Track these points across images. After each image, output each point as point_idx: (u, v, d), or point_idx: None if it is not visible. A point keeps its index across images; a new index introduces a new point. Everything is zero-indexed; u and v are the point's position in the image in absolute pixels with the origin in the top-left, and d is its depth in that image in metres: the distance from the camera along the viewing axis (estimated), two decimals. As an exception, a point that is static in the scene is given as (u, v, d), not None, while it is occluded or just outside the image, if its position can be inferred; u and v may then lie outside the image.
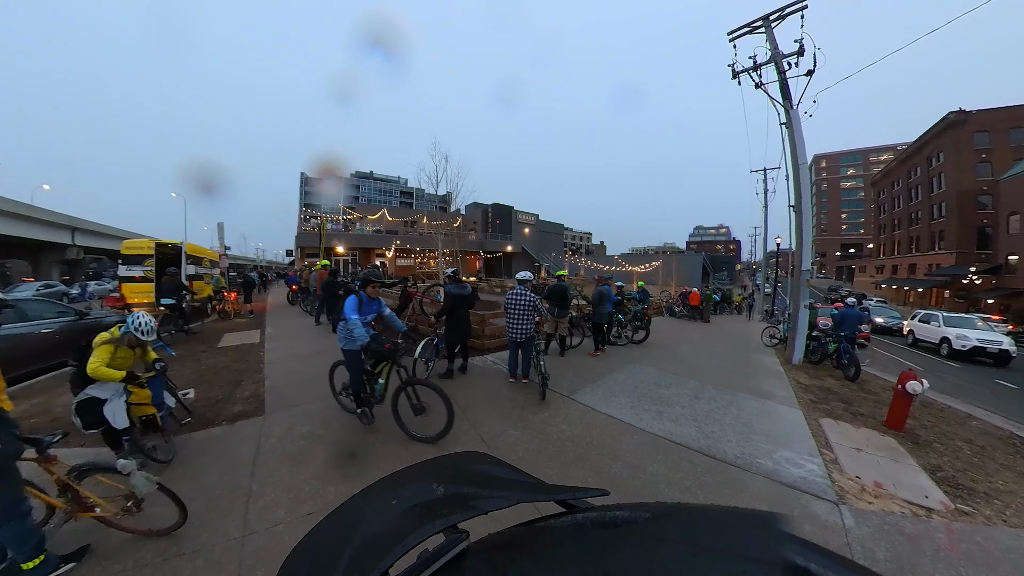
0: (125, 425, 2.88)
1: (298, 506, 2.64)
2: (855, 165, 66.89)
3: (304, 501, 2.69)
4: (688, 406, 4.83)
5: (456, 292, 5.27)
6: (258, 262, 64.75)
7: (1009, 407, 7.11)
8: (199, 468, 3.09)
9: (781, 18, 8.47)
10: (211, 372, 5.61)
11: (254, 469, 3.07)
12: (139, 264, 9.72)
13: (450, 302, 5.28)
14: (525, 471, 0.84)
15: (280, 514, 2.56)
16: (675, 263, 38.31)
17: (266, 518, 2.52)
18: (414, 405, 3.55)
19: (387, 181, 77.66)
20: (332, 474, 3.00)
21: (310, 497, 2.72)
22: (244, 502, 2.68)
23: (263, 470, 3.06)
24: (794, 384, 6.44)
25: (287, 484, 2.88)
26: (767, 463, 3.47)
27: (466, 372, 5.57)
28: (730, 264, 60.38)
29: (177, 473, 3.01)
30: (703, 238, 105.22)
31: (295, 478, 2.95)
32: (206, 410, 4.22)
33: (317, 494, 2.75)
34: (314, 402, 4.46)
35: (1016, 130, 30.67)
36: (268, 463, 3.16)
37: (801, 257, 8.43)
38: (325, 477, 2.96)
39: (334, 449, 3.38)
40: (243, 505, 2.65)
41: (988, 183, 30.56)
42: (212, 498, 2.71)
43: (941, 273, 32.55)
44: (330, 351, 6.91)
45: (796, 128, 8.30)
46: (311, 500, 2.69)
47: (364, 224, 37.07)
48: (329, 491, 2.78)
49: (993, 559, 2.47)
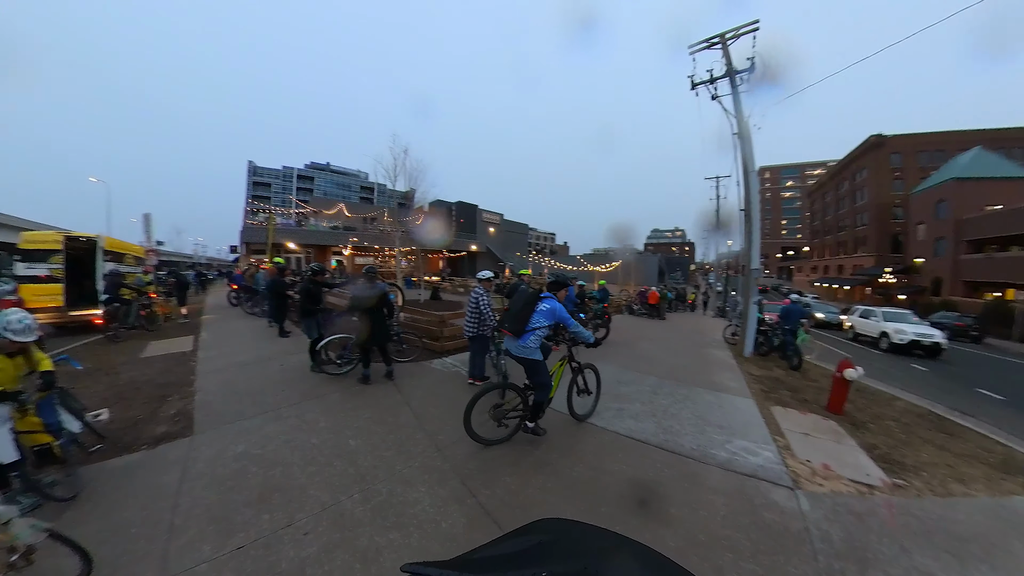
0: (13, 458, 2.40)
1: (226, 539, 2.31)
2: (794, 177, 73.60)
3: (234, 533, 2.36)
4: (648, 402, 4.91)
5: (358, 293, 5.02)
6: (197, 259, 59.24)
7: (922, 388, 8.13)
8: (111, 503, 2.65)
9: (736, 37, 8.99)
10: (131, 388, 4.92)
11: (177, 500, 2.68)
12: (43, 261, 8.44)
13: (352, 303, 5.05)
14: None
15: (205, 551, 2.23)
16: (633, 263, 39.83)
17: (188, 557, 2.18)
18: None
19: (345, 174, 74.08)
20: (270, 498, 2.69)
21: (241, 528, 2.40)
22: (163, 540, 2.31)
23: (187, 500, 2.68)
24: (746, 376, 6.78)
25: (215, 514, 2.53)
26: (722, 454, 3.57)
27: (392, 378, 5.24)
28: (684, 265, 63.67)
29: (84, 511, 2.56)
30: (660, 240, 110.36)
31: (224, 507, 2.60)
32: (123, 433, 3.67)
33: (249, 524, 2.43)
34: (252, 417, 4.01)
35: (922, 153, 35.73)
36: (194, 491, 2.77)
37: (751, 257, 8.96)
38: (260, 503, 2.63)
39: (277, 469, 3.04)
40: (162, 544, 2.28)
41: (901, 197, 35.29)
42: (126, 539, 2.32)
43: (863, 273, 36.67)
44: (275, 356, 6.38)
45: (747, 139, 8.83)
46: (242, 532, 2.37)
47: (319, 219, 35.08)
48: (263, 519, 2.47)
49: (927, 528, 2.69)
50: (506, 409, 3.54)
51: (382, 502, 2.65)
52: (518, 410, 3.59)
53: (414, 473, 3.02)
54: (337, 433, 3.66)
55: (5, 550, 1.86)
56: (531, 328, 3.41)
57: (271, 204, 29.42)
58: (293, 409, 4.23)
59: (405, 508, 2.59)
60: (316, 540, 2.30)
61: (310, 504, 2.62)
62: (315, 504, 2.62)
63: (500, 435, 3.52)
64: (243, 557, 2.18)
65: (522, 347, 3.43)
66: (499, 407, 3.53)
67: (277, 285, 7.79)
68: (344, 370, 5.44)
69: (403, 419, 4.04)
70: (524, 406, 3.60)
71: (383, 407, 4.34)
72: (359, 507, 2.60)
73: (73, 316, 8.44)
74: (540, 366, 3.52)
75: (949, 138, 34.51)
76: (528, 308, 3.47)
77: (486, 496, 2.75)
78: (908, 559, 2.37)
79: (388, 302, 5.25)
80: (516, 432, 3.60)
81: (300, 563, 2.13)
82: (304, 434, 3.62)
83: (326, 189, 68.19)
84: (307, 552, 2.21)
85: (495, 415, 3.49)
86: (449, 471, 3.07)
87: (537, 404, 3.54)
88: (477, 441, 3.38)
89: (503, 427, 3.52)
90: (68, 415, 3.01)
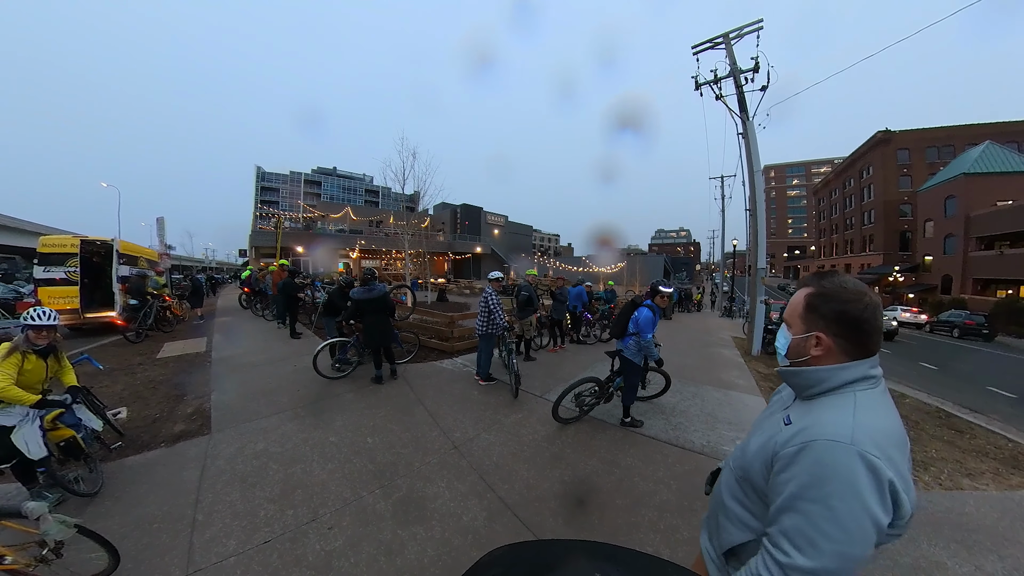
0: (43, 455, 2.47)
1: (252, 534, 2.37)
2: (799, 176, 73.04)
3: (259, 529, 2.42)
4: (657, 400, 4.93)
5: (361, 296, 5.10)
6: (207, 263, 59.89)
7: (932, 386, 8.04)
8: (132, 499, 2.72)
9: (740, 36, 8.99)
10: (148, 387, 5.03)
11: (199, 496, 2.74)
12: (60, 264, 8.61)
13: (354, 307, 5.16)
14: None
15: (231, 545, 2.29)
16: (639, 264, 39.72)
17: (214, 551, 2.23)
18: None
19: (351, 178, 74.63)
20: (291, 495, 2.75)
21: (265, 524, 2.46)
22: (187, 535, 2.37)
23: (209, 496, 2.74)
24: (754, 374, 6.76)
25: (238, 510, 2.59)
26: (731, 449, 3.58)
27: (396, 377, 5.37)
28: (690, 265, 63.38)
29: (106, 506, 2.63)
30: (664, 240, 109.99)
31: (248, 503, 2.66)
32: (141, 431, 3.75)
33: (273, 519, 2.49)
34: (269, 416, 4.09)
35: (930, 149, 35.10)
36: (215, 488, 2.84)
37: (757, 256, 8.94)
38: (283, 499, 2.69)
39: (297, 466, 3.10)
40: (186, 539, 2.34)
41: (908, 194, 34.75)
42: (148, 533, 2.38)
43: (871, 272, 36.23)
44: (287, 357, 6.47)
45: (752, 138, 8.82)
46: (266, 527, 2.42)
47: (327, 223, 35.39)
48: (287, 515, 2.53)
49: (935, 520, 2.70)
50: (585, 397, 4.07)
51: (402, 497, 2.71)
52: (595, 396, 4.08)
53: (432, 469, 3.07)
54: (354, 431, 3.72)
55: (36, 544, 1.94)
56: (630, 333, 3.85)
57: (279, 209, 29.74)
58: (309, 408, 4.30)
59: (425, 503, 2.64)
60: (341, 534, 2.35)
61: (332, 500, 2.67)
62: (337, 500, 2.67)
63: (574, 415, 4.07)
64: (269, 551, 2.23)
65: (624, 349, 3.90)
66: (580, 395, 4.05)
67: (288, 287, 7.89)
68: (342, 374, 5.42)
69: (418, 417, 4.10)
70: (599, 395, 4.07)
71: (398, 406, 4.40)
72: (380, 502, 2.65)
73: (88, 318, 8.62)
74: (632, 369, 3.87)
75: (957, 132, 33.97)
76: (625, 315, 3.97)
77: (505, 490, 2.80)
78: (916, 548, 2.39)
79: (390, 303, 5.30)
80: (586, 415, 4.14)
81: (327, 556, 2.19)
82: (321, 432, 3.68)
83: (332, 193, 68.72)
84: (333, 545, 2.26)
85: (577, 402, 4.04)
86: (467, 467, 3.11)
87: (624, 406, 4.01)
88: (558, 420, 3.94)
89: (581, 411, 4.08)
90: (89, 413, 3.10)
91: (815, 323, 0.89)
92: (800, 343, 0.93)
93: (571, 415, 4.06)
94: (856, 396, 0.83)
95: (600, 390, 4.08)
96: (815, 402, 0.88)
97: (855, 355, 0.86)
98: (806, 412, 0.87)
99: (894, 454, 0.76)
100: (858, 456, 0.73)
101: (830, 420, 0.81)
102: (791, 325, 0.96)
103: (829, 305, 0.87)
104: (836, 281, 0.89)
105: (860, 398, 0.83)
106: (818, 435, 0.78)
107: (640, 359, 3.88)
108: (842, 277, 0.89)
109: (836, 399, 0.85)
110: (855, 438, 0.75)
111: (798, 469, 0.78)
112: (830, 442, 0.76)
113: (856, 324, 0.84)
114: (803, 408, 0.90)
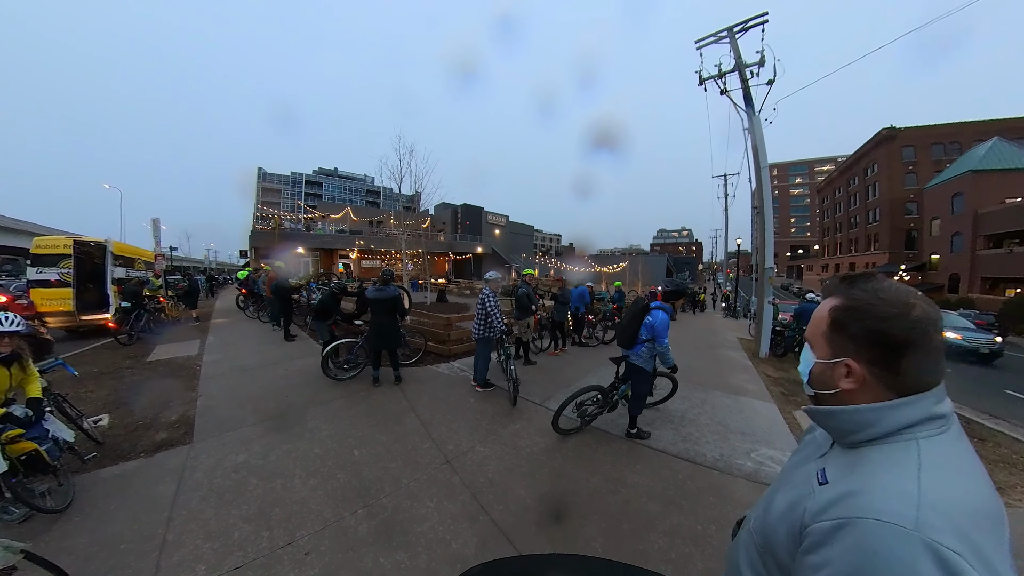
0: (2, 470, 2.29)
1: (223, 558, 2.17)
2: (802, 174, 72.56)
3: (231, 552, 2.22)
4: (662, 407, 4.71)
5: (374, 296, 4.99)
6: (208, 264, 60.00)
7: (947, 390, 7.64)
8: (102, 515, 2.53)
9: (744, 30, 8.76)
10: (133, 392, 4.86)
11: (172, 512, 2.55)
12: (53, 265, 8.48)
13: (362, 304, 5.08)
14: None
15: (200, 571, 2.10)
16: (641, 264, 39.43)
17: (181, 577, 2.05)
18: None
19: (352, 179, 74.70)
20: (269, 514, 2.55)
21: (239, 546, 2.26)
22: (155, 558, 2.18)
23: (183, 513, 2.55)
24: (764, 378, 6.53)
25: (211, 530, 2.39)
26: (748, 463, 3.37)
27: (400, 382, 5.15)
28: (692, 265, 62.95)
29: (74, 523, 2.45)
30: (666, 240, 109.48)
31: (222, 521, 2.47)
32: (121, 440, 3.57)
33: (247, 542, 2.29)
34: (254, 424, 3.90)
35: (936, 145, 34.69)
36: (190, 504, 2.64)
37: (764, 255, 8.70)
38: (260, 518, 2.49)
39: (278, 481, 2.91)
40: (152, 562, 2.15)
41: (914, 192, 34.31)
42: (115, 554, 2.20)
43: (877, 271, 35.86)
44: (279, 361, 6.29)
45: (758, 133, 8.58)
46: (239, 550, 2.23)
47: (327, 224, 35.31)
48: (263, 537, 2.33)
49: None
50: (587, 406, 3.82)
51: (387, 519, 2.50)
52: (598, 405, 3.84)
53: (421, 486, 2.86)
54: (340, 442, 3.52)
55: (-19, 572, 1.75)
56: (641, 340, 3.58)
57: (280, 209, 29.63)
58: (296, 416, 4.11)
59: (412, 525, 2.43)
60: (318, 560, 2.15)
61: (312, 520, 2.47)
62: (317, 520, 2.47)
63: (574, 426, 3.83)
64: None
65: (634, 356, 3.65)
66: (581, 404, 3.80)
67: (282, 288, 7.72)
68: (351, 374, 5.35)
69: (409, 426, 3.89)
70: (603, 405, 3.83)
71: (389, 414, 4.20)
72: (363, 524, 2.45)
73: (84, 320, 8.48)
74: (641, 376, 3.65)
75: (964, 129, 33.55)
76: (636, 321, 3.62)
77: (499, 512, 2.58)
78: None
79: (400, 306, 5.17)
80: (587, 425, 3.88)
81: (300, 587, 1.99)
82: (307, 443, 3.49)
83: (333, 194, 68.77)
84: (308, 573, 2.06)
85: (579, 412, 3.78)
86: (459, 484, 2.90)
87: (631, 416, 3.78)
88: (558, 432, 3.70)
89: (583, 421, 3.82)
90: (59, 424, 2.91)
91: (843, 346, 0.66)
92: (825, 371, 0.69)
93: (572, 425, 3.81)
94: (920, 448, 0.58)
95: (603, 398, 3.83)
96: (860, 453, 0.63)
97: (901, 389, 0.62)
98: (848, 469, 0.63)
99: (983, 541, 0.49)
100: (926, 548, 0.48)
101: (883, 486, 0.56)
102: (814, 346, 0.73)
103: (861, 323, 0.64)
104: (870, 288, 0.66)
105: (926, 451, 0.58)
106: (866, 510, 0.53)
107: (650, 365, 3.65)
108: (879, 283, 0.67)
109: (891, 452, 0.60)
110: (922, 519, 0.50)
111: (833, 554, 0.53)
112: (882, 523, 0.51)
113: (898, 349, 0.61)
114: (844, 460, 0.65)
